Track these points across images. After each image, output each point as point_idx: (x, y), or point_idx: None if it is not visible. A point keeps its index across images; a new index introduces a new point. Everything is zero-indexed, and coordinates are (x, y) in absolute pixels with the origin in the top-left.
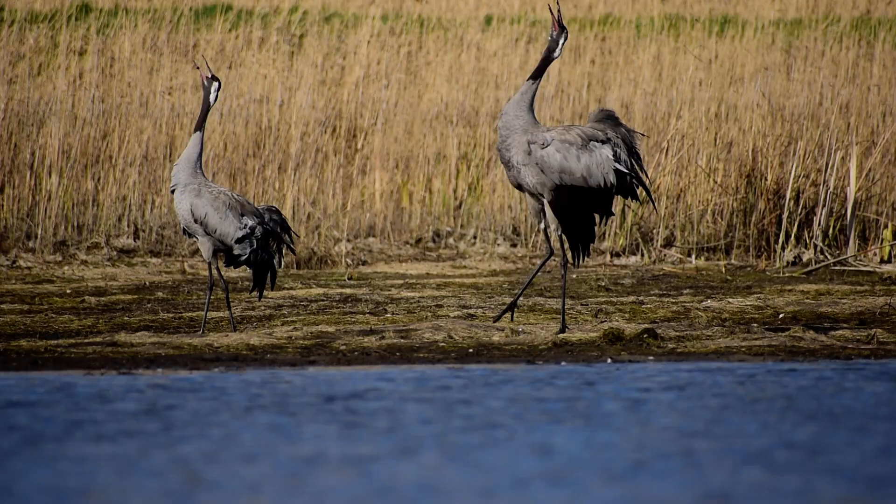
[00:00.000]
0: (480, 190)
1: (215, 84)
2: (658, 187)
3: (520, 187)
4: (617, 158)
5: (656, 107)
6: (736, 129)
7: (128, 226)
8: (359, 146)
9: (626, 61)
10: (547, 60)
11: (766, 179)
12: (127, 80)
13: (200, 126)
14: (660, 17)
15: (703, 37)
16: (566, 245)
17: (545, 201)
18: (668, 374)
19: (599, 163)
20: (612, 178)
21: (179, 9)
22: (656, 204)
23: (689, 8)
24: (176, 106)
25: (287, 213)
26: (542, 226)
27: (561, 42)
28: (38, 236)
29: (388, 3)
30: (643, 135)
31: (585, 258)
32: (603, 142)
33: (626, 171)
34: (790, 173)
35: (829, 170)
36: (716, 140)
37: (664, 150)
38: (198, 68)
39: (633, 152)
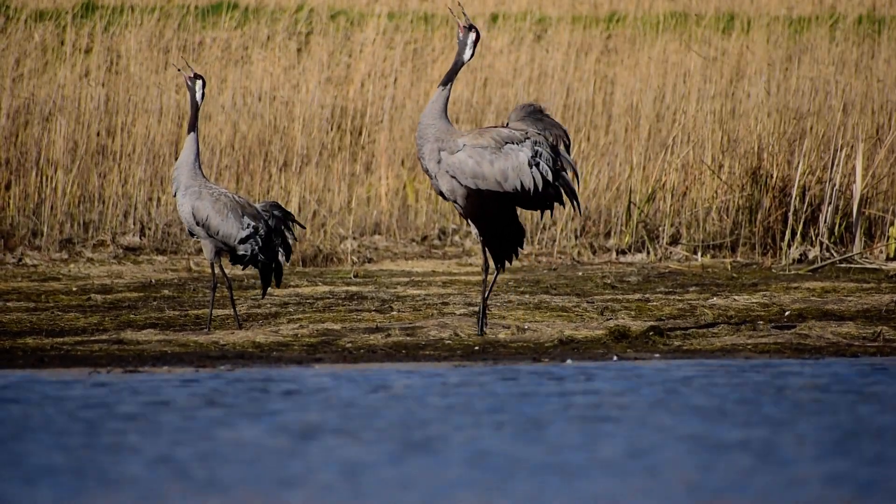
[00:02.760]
0: None
1: (199, 82)
2: (664, 185)
3: (443, 195)
4: (537, 158)
5: (662, 104)
6: (741, 127)
7: (134, 223)
8: (364, 144)
9: (632, 59)
10: (457, 65)
11: (771, 177)
12: (133, 77)
13: (193, 127)
14: (665, 14)
15: (708, 34)
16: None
17: (461, 207)
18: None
19: (515, 166)
20: (529, 182)
21: (185, 6)
22: (581, 209)
23: (694, 5)
24: (182, 103)
25: (293, 210)
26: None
27: (470, 43)
28: (44, 234)
29: (393, 0)
30: (564, 132)
31: (512, 261)
32: (520, 142)
33: (550, 170)
34: (796, 170)
35: (834, 167)
36: (721, 137)
37: (670, 148)
38: (180, 70)
39: (557, 151)
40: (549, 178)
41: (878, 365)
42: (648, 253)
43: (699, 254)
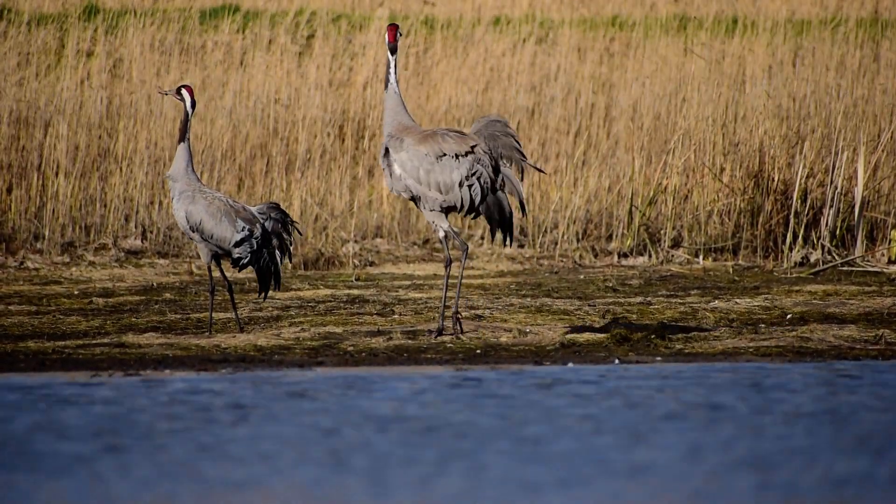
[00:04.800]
0: None
1: (185, 91)
2: (665, 188)
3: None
4: (471, 178)
5: (664, 107)
6: (743, 130)
7: (135, 227)
8: (366, 147)
9: (634, 62)
10: (388, 64)
11: (773, 180)
12: (135, 80)
13: (183, 137)
14: (668, 17)
15: (710, 37)
16: (455, 242)
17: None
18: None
19: (447, 184)
20: (457, 200)
21: (187, 10)
22: (511, 240)
23: (697, 8)
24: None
25: (294, 214)
26: (442, 235)
27: (386, 42)
28: (46, 237)
29: (395, 4)
30: (522, 154)
31: (509, 239)
32: (460, 156)
33: (481, 192)
34: (797, 173)
35: (836, 170)
36: (723, 140)
37: (671, 151)
38: (168, 93)
39: (498, 171)
40: (478, 201)
41: (880, 367)
42: (650, 256)
43: (701, 257)
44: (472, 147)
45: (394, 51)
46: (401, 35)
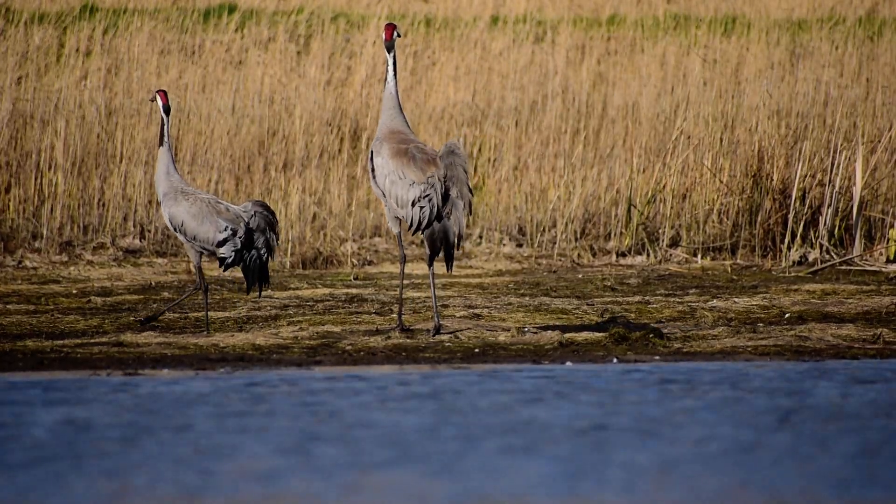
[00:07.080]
0: (486, 190)
1: (158, 97)
2: (664, 187)
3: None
4: (422, 201)
5: (662, 107)
6: (742, 129)
7: (133, 226)
8: (364, 146)
9: (632, 61)
10: (386, 62)
11: (771, 179)
12: (133, 79)
13: (162, 141)
14: (665, 17)
15: (708, 37)
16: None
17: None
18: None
19: (404, 200)
20: (408, 216)
21: (185, 9)
22: (452, 266)
23: (694, 8)
24: (181, 105)
25: (292, 212)
26: (397, 231)
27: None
28: (44, 236)
29: (394, 3)
30: (469, 189)
31: (451, 265)
32: (415, 184)
33: (429, 215)
34: (796, 173)
35: (834, 169)
36: (722, 140)
37: (670, 151)
38: (153, 101)
39: (447, 199)
40: (425, 222)
41: (878, 366)
42: (648, 255)
43: (699, 256)
44: (428, 178)
45: (390, 49)
46: (398, 35)
